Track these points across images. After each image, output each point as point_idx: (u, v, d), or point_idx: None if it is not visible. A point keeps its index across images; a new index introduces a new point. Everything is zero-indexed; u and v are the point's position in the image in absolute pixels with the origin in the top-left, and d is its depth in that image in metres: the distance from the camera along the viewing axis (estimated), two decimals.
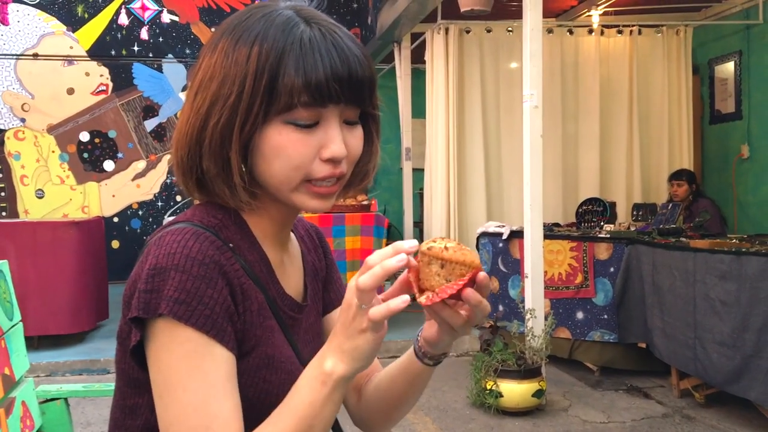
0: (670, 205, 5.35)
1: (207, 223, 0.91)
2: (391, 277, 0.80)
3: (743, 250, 3.76)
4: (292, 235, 1.08)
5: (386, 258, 0.77)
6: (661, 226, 4.96)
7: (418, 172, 7.03)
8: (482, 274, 0.80)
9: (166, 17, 7.50)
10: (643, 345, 4.62)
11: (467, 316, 0.83)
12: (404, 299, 0.78)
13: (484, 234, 5.53)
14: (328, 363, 0.81)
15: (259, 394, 0.88)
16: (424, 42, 6.55)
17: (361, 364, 0.81)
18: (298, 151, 0.87)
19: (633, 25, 6.46)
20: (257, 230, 0.97)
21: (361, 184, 1.00)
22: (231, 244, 0.91)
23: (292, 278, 1.02)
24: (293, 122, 0.87)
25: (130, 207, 7.41)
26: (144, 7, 7.45)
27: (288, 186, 0.90)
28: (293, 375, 0.90)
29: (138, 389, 0.91)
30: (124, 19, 7.42)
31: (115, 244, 7.12)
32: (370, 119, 0.98)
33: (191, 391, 0.82)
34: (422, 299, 0.80)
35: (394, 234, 7.39)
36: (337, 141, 0.88)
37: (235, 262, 0.89)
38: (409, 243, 0.78)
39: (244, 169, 0.90)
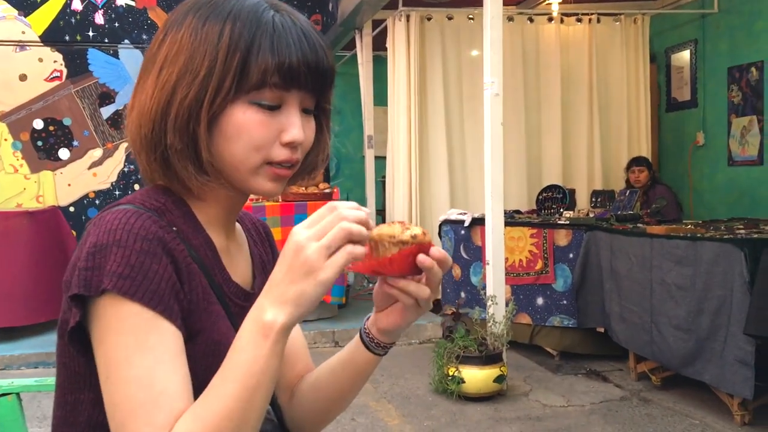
0: (628, 191, 5.44)
1: (149, 205, 0.89)
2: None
3: (698, 235, 3.84)
4: (239, 227, 1.07)
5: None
6: (619, 212, 5.05)
7: (381, 160, 7.01)
8: (434, 248, 0.85)
9: (121, 2, 7.33)
10: (602, 330, 4.70)
11: (427, 285, 0.87)
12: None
13: (446, 221, 5.56)
14: (269, 314, 0.77)
15: (202, 383, 0.82)
16: (385, 29, 6.52)
17: (304, 310, 0.78)
18: (260, 132, 0.88)
19: (592, 14, 6.52)
20: (202, 216, 0.95)
21: (309, 175, 1.00)
22: (174, 228, 0.89)
23: (239, 266, 1.01)
24: (258, 102, 0.87)
25: (86, 196, 7.26)
26: None
27: (246, 166, 0.89)
28: None
29: (79, 384, 0.88)
30: (77, 3, 7.24)
31: (73, 233, 6.97)
32: (322, 113, 0.99)
33: (137, 367, 0.79)
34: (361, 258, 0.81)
35: None
36: (298, 126, 0.90)
37: (180, 243, 0.88)
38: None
39: (209, 149, 0.88)
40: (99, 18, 7.30)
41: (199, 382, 0.84)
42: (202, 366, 0.86)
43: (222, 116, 0.87)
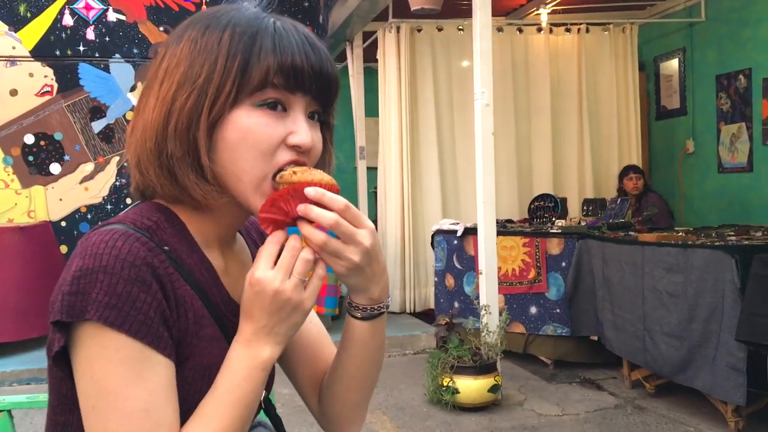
0: (620, 199, 5.46)
1: (140, 225, 0.87)
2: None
3: (689, 242, 3.86)
4: (241, 240, 1.04)
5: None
6: (611, 220, 5.06)
7: (373, 171, 7.02)
8: (308, 189, 0.83)
9: (112, 16, 7.33)
10: (595, 338, 4.71)
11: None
12: (323, 265, 0.86)
13: (438, 231, 5.56)
14: (266, 352, 0.84)
15: (191, 407, 0.84)
16: (376, 41, 6.55)
17: (293, 335, 0.87)
18: (266, 134, 0.85)
19: (581, 24, 6.57)
20: (198, 234, 0.93)
21: None
22: (166, 247, 0.86)
23: (239, 284, 0.97)
24: (263, 104, 0.85)
25: (78, 211, 7.23)
26: (89, 7, 7.27)
27: (251, 177, 0.86)
28: None
29: (67, 405, 0.87)
30: (68, 19, 7.24)
31: (64, 248, 6.95)
32: (326, 127, 0.97)
33: (133, 399, 0.78)
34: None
35: None
36: (305, 129, 0.88)
37: (169, 266, 0.85)
38: (273, 238, 0.85)
39: (208, 155, 0.87)
40: (90, 33, 7.31)
41: (188, 406, 0.84)
42: (191, 390, 0.86)
43: (224, 122, 0.85)
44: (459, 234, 5.26)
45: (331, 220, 0.83)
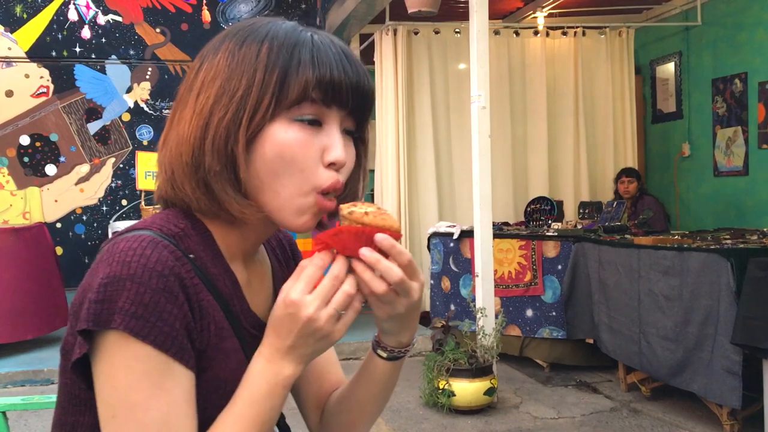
0: (615, 203, 5.47)
1: (167, 231, 0.85)
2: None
3: (685, 246, 3.86)
4: (262, 249, 1.03)
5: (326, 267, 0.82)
6: (607, 223, 5.07)
7: (369, 173, 7.02)
8: (380, 236, 0.81)
9: (108, 17, 7.33)
10: (591, 341, 4.71)
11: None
12: (360, 303, 0.84)
13: (435, 234, 5.56)
14: (288, 369, 0.83)
15: (207, 420, 0.84)
16: (372, 43, 6.55)
17: (314, 358, 0.86)
18: (302, 151, 0.85)
19: (577, 27, 6.58)
20: (224, 245, 0.91)
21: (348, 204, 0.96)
22: (191, 255, 0.85)
23: (259, 297, 0.98)
24: (300, 119, 0.85)
25: (73, 212, 7.22)
26: (86, 6, 7.27)
27: (289, 192, 0.85)
28: None
29: (79, 407, 0.86)
30: (64, 20, 7.23)
31: (59, 250, 6.92)
32: (361, 143, 0.95)
33: (154, 410, 0.78)
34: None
35: None
36: (340, 146, 0.87)
37: (195, 275, 0.84)
38: (319, 259, 0.83)
39: (248, 169, 0.85)
40: (86, 34, 7.29)
41: (201, 419, 0.84)
42: (206, 403, 0.85)
43: (262, 136, 0.84)
44: (455, 237, 5.26)
45: (396, 278, 0.82)
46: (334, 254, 0.83)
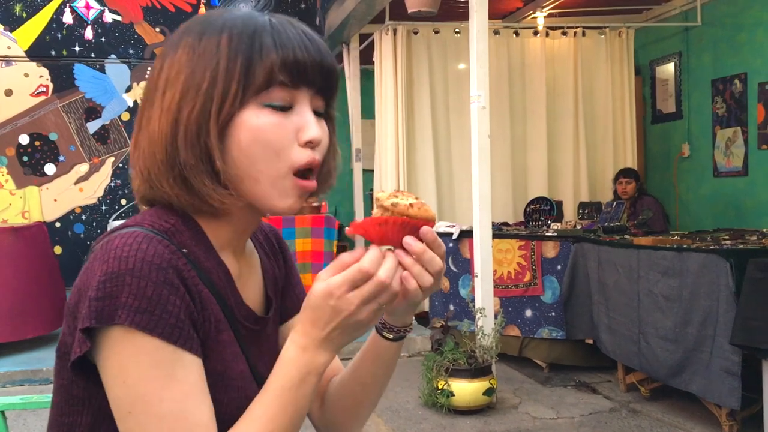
0: (615, 203, 5.47)
1: (158, 227, 0.86)
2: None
3: (684, 246, 3.86)
4: (250, 243, 1.04)
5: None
6: (606, 224, 5.07)
7: (369, 173, 7.02)
8: (426, 228, 0.83)
9: (108, 17, 7.32)
10: (590, 341, 4.71)
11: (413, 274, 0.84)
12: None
13: None
14: (320, 358, 0.83)
15: None
16: (372, 43, 6.55)
17: (347, 344, 0.86)
18: (277, 134, 0.85)
19: (577, 27, 6.58)
20: (214, 238, 0.92)
21: (326, 183, 0.97)
22: (185, 250, 0.86)
23: (251, 289, 0.98)
24: (270, 104, 0.85)
25: (72, 211, 7.21)
26: (86, 7, 7.26)
27: (268, 176, 0.86)
28: (243, 392, 0.88)
29: (76, 407, 0.86)
30: (64, 19, 7.22)
31: (58, 249, 6.92)
32: (329, 119, 0.96)
33: (169, 401, 0.78)
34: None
35: (345, 235, 7.37)
36: (313, 123, 0.87)
37: (191, 268, 0.85)
38: (371, 259, 0.81)
39: (223, 159, 0.86)
40: (85, 33, 7.29)
41: None
42: None
43: (234, 124, 0.85)
44: (455, 237, 5.26)
45: (438, 268, 0.84)
46: (365, 249, 0.82)
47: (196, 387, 0.81)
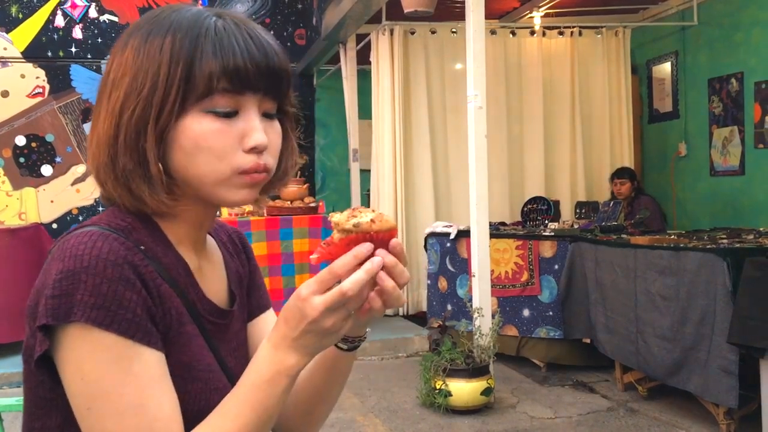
0: (612, 202, 5.47)
1: (115, 225, 0.87)
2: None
3: (681, 245, 3.87)
4: (212, 241, 1.04)
5: (355, 266, 0.79)
6: (603, 223, 5.07)
7: (366, 173, 7.02)
8: (395, 241, 0.82)
9: (104, 17, 7.31)
10: (588, 340, 4.71)
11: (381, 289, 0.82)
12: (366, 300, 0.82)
13: (431, 234, 5.56)
14: (292, 359, 0.82)
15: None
16: (369, 43, 6.55)
17: (318, 352, 0.85)
18: (219, 141, 0.85)
19: (573, 27, 6.58)
20: (171, 234, 0.93)
21: (281, 182, 0.97)
22: (142, 247, 0.86)
23: (213, 284, 0.99)
24: (212, 111, 0.85)
25: (69, 213, 7.21)
26: (71, 6, 7.25)
27: (212, 179, 0.86)
28: (210, 384, 0.89)
29: (44, 409, 0.86)
30: (60, 20, 7.22)
31: None
32: (285, 116, 0.96)
33: (127, 395, 0.79)
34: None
35: None
36: (258, 129, 0.87)
37: (148, 264, 0.85)
38: (366, 246, 0.80)
39: (160, 165, 0.86)
40: (81, 34, 7.28)
41: None
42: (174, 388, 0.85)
43: (175, 130, 0.85)
44: (452, 237, 5.26)
45: (406, 280, 0.84)
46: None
47: (154, 381, 0.81)
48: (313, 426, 1.07)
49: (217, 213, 1.04)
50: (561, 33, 6.57)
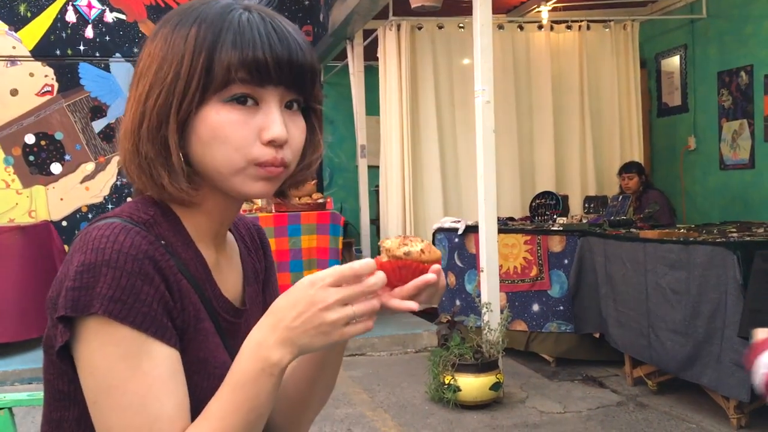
0: (621, 197, 5.45)
1: (137, 218, 0.87)
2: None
3: (691, 239, 3.85)
4: (230, 236, 1.04)
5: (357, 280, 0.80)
6: (612, 217, 5.05)
7: (374, 169, 7.02)
8: (436, 268, 0.87)
9: (112, 16, 7.33)
10: (598, 335, 4.70)
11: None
12: (372, 323, 0.82)
13: (440, 229, 5.56)
14: (276, 354, 0.79)
15: (194, 401, 0.84)
16: (376, 39, 6.54)
17: (306, 353, 0.82)
18: (237, 131, 0.85)
19: (581, 21, 6.55)
20: (192, 228, 0.93)
21: (304, 178, 0.97)
22: (163, 241, 0.87)
23: (229, 281, 0.99)
24: (230, 99, 0.85)
25: (79, 210, 7.24)
26: (90, 6, 7.28)
27: (229, 169, 0.86)
28: None
29: (63, 402, 0.87)
30: (69, 18, 7.24)
31: (68, 248, 6.95)
32: (312, 113, 0.96)
33: (131, 393, 0.79)
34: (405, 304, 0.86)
35: (350, 232, 7.37)
36: (278, 123, 0.86)
37: (169, 258, 0.86)
38: (366, 263, 0.80)
39: (181, 154, 0.87)
40: (90, 32, 7.30)
41: (190, 400, 0.84)
42: (189, 384, 0.85)
43: (195, 120, 0.86)
44: (460, 232, 5.25)
45: (435, 303, 0.90)
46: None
47: (162, 380, 0.80)
48: (301, 423, 1.05)
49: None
50: (569, 27, 6.54)
